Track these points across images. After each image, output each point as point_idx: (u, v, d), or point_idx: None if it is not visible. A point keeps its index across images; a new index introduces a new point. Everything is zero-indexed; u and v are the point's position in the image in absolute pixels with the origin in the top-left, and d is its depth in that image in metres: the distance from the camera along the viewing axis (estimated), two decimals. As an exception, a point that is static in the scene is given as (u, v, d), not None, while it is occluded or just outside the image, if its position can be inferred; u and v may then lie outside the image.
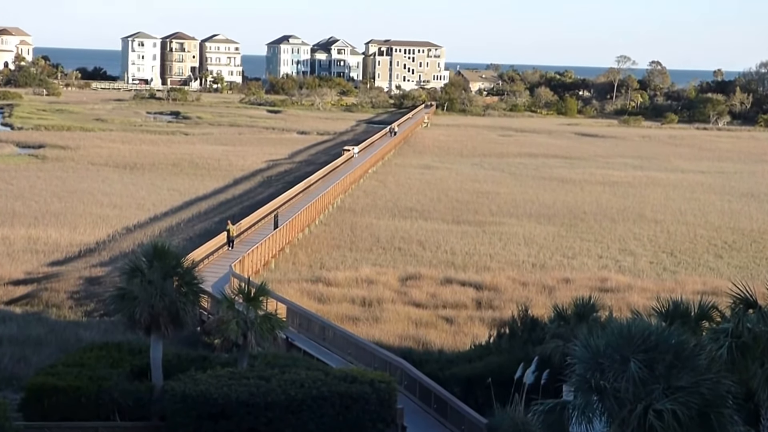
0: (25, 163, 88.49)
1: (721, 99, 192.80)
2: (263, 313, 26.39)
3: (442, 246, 56.57)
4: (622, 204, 75.87)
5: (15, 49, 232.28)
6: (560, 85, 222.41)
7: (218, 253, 47.20)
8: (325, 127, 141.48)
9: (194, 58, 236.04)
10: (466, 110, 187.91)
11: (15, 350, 32.58)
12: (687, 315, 20.83)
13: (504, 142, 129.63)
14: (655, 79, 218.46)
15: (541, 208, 72.11)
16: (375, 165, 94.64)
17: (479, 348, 32.08)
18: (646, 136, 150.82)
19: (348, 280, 46.04)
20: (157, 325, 25.79)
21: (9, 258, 48.92)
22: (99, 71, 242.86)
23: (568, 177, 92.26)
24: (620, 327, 16.24)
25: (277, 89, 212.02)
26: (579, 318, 26.12)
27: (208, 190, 75.69)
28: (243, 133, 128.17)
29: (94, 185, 75.20)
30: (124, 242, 54.22)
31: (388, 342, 35.68)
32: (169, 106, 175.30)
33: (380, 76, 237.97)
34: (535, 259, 53.94)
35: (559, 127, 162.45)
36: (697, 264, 54.58)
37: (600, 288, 45.62)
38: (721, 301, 22.28)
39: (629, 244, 59.90)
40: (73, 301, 41.66)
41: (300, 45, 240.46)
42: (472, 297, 44.09)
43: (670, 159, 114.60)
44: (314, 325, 33.94)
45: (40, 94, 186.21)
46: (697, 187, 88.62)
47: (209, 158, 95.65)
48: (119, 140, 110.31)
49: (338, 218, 65.24)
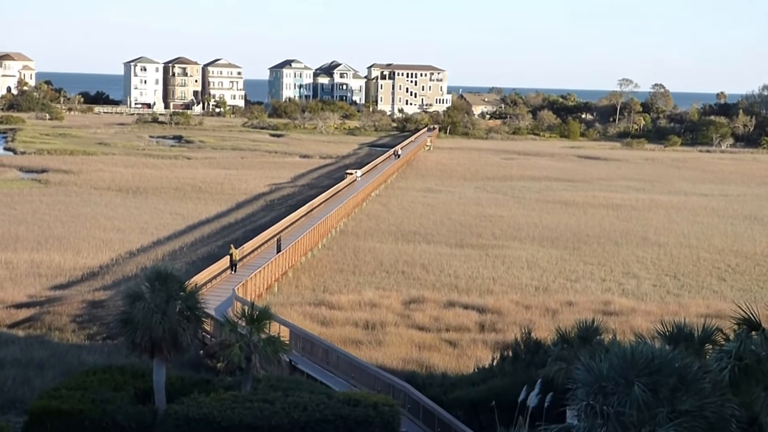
0: (28, 188, 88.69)
1: (724, 121, 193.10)
2: (266, 336, 26.36)
3: (445, 269, 56.56)
4: (625, 227, 75.84)
5: (18, 74, 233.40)
6: (563, 108, 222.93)
7: (221, 276, 47.23)
8: (328, 151, 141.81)
9: (197, 83, 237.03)
10: (469, 133, 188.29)
11: (18, 373, 32.54)
12: (691, 338, 20.74)
13: (507, 165, 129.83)
14: (657, 102, 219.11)
15: (544, 232, 72.11)
16: (378, 188, 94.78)
17: (482, 371, 32.01)
18: (649, 158, 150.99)
19: (351, 304, 46.01)
20: (159, 349, 25.79)
21: (12, 282, 48.98)
22: (102, 95, 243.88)
23: (571, 200, 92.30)
24: (623, 350, 16.14)
25: (279, 113, 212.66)
26: (582, 341, 26.03)
27: (210, 214, 75.79)
28: (245, 157, 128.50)
29: (97, 209, 75.34)
30: (127, 266, 54.25)
31: (392, 365, 35.63)
32: (171, 130, 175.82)
33: (383, 99, 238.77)
34: (539, 282, 53.90)
35: (562, 150, 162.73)
36: (700, 287, 54.49)
37: (603, 311, 45.50)
38: (724, 324, 22.20)
39: (632, 267, 59.85)
40: (76, 325, 41.62)
41: (302, 69, 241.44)
42: (476, 320, 44.04)
43: (673, 182, 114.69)
44: (317, 349, 33.87)
45: (43, 118, 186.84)
46: (700, 209, 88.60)
47: (212, 182, 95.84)
48: (122, 164, 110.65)
49: (341, 242, 65.27)
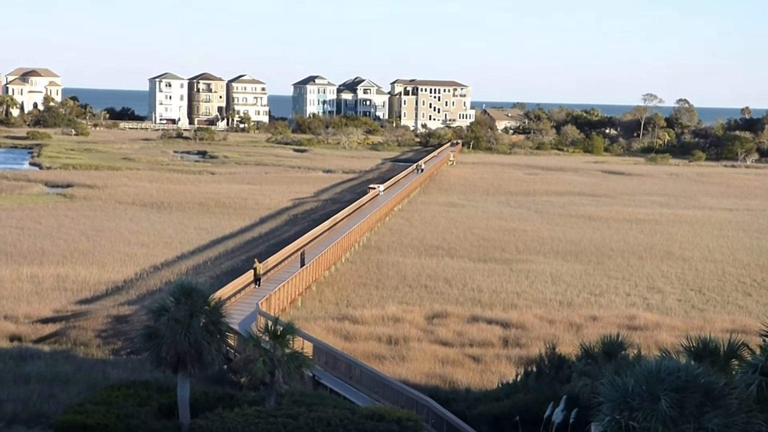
0: (54, 202, 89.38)
1: (749, 136, 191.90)
2: (290, 351, 26.41)
3: (468, 284, 56.42)
4: (649, 241, 75.42)
5: (44, 90, 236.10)
6: (586, 123, 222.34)
7: (245, 291, 47.31)
8: (351, 166, 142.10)
9: (221, 98, 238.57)
10: (492, 148, 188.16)
11: (43, 388, 32.67)
12: (716, 353, 20.54)
13: (530, 180, 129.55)
14: (682, 117, 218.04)
15: (567, 246, 71.83)
16: (401, 203, 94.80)
17: (506, 386, 31.85)
18: (673, 173, 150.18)
19: (374, 318, 45.94)
20: (183, 364, 25.88)
21: (38, 296, 49.30)
22: (127, 111, 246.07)
23: (595, 214, 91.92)
24: (649, 365, 16.05)
25: (303, 128, 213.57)
26: (607, 356, 25.88)
27: (234, 228, 76.07)
28: (269, 172, 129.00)
29: (121, 224, 75.80)
30: (151, 280, 54.49)
31: (415, 380, 35.52)
32: (196, 145, 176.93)
33: (406, 115, 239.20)
34: (562, 297, 53.65)
35: (586, 165, 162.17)
36: (725, 302, 54.05)
37: (628, 326, 45.24)
38: (750, 339, 21.98)
39: (657, 281, 59.47)
40: (101, 340, 41.82)
41: (326, 85, 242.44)
42: (499, 335, 43.85)
43: (697, 196, 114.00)
44: (341, 363, 33.84)
45: (68, 134, 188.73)
46: (725, 224, 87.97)
47: (236, 197, 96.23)
48: (146, 179, 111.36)
49: (364, 256, 65.29)
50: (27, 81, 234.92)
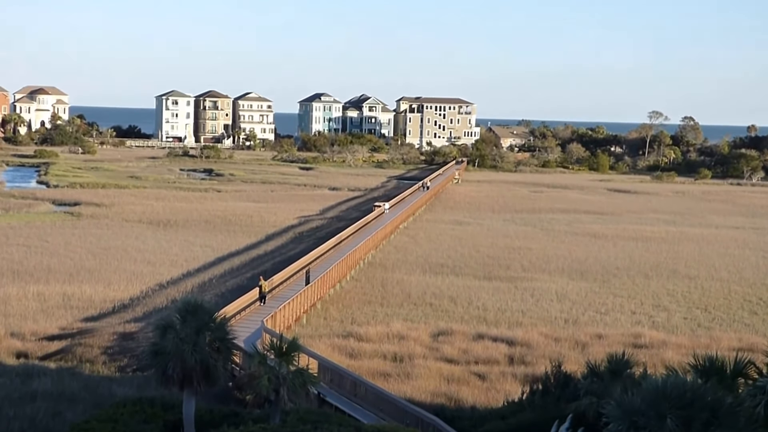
0: (61, 221, 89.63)
1: (755, 155, 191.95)
2: (295, 368, 26.46)
3: (473, 302, 56.43)
4: (655, 260, 75.37)
5: (51, 108, 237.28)
6: (592, 141, 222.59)
7: (250, 308, 47.41)
8: (357, 184, 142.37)
9: (227, 116, 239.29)
10: (498, 166, 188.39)
11: (50, 405, 32.76)
12: (722, 372, 20.52)
13: (536, 197, 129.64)
14: (687, 135, 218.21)
15: (573, 264, 71.82)
16: (406, 221, 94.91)
17: (512, 405, 31.86)
18: (679, 191, 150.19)
19: (379, 336, 45.97)
20: (189, 381, 25.92)
21: (44, 314, 49.43)
22: (133, 129, 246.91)
23: (601, 232, 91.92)
24: (655, 383, 16.06)
25: (309, 146, 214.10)
26: (613, 374, 25.85)
27: (240, 246, 76.20)
28: (275, 190, 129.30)
29: (128, 242, 75.99)
30: (157, 298, 54.60)
31: (420, 398, 35.52)
32: (202, 163, 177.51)
33: (411, 132, 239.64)
34: (568, 315, 53.62)
35: (591, 183, 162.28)
36: (732, 320, 53.97)
37: (634, 344, 45.19)
38: (757, 357, 22.00)
39: (663, 300, 59.42)
40: (107, 357, 41.89)
41: (332, 103, 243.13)
42: (505, 353, 43.84)
43: (703, 214, 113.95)
44: (346, 381, 33.86)
45: (75, 152, 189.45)
46: (731, 242, 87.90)
47: (242, 215, 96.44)
48: (153, 197, 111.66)
49: (369, 274, 65.35)
50: (35, 99, 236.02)
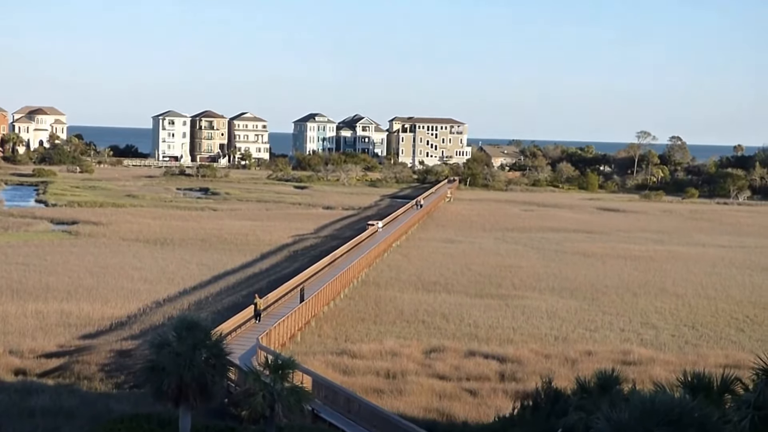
0: (59, 239, 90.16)
1: (742, 174, 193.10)
2: (290, 385, 26.89)
3: (465, 319, 57.20)
4: (643, 278, 76.24)
5: (50, 128, 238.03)
6: (581, 160, 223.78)
7: (246, 326, 48.03)
8: (350, 202, 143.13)
9: (223, 136, 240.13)
10: (489, 185, 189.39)
11: (48, 422, 33.24)
12: (710, 388, 20.68)
13: (526, 216, 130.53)
14: (675, 154, 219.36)
15: (563, 282, 72.66)
16: (399, 239, 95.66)
17: (503, 420, 32.50)
18: (667, 210, 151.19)
19: (372, 353, 46.65)
20: (185, 397, 26.33)
21: (42, 331, 50.00)
22: (130, 149, 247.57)
23: (590, 251, 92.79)
24: (643, 399, 16.14)
25: (303, 165, 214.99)
26: (602, 390, 26.49)
27: (236, 264, 76.86)
28: (270, 209, 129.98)
29: (125, 260, 76.60)
30: (154, 316, 55.25)
31: (413, 414, 36.18)
32: (198, 182, 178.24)
33: (404, 151, 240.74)
34: (558, 332, 54.42)
35: (581, 201, 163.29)
36: (719, 337, 54.82)
37: (622, 361, 45.98)
38: (743, 374, 22.54)
39: (651, 317, 60.26)
40: (104, 374, 42.45)
41: (326, 122, 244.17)
42: (496, 369, 44.56)
43: (691, 233, 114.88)
44: (340, 398, 34.49)
45: (73, 171, 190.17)
46: (718, 261, 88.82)
47: (237, 233, 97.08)
48: (150, 216, 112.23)
49: (363, 292, 66.09)
50: (33, 119, 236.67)
